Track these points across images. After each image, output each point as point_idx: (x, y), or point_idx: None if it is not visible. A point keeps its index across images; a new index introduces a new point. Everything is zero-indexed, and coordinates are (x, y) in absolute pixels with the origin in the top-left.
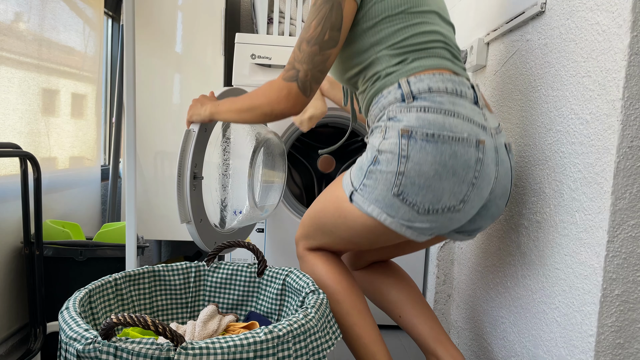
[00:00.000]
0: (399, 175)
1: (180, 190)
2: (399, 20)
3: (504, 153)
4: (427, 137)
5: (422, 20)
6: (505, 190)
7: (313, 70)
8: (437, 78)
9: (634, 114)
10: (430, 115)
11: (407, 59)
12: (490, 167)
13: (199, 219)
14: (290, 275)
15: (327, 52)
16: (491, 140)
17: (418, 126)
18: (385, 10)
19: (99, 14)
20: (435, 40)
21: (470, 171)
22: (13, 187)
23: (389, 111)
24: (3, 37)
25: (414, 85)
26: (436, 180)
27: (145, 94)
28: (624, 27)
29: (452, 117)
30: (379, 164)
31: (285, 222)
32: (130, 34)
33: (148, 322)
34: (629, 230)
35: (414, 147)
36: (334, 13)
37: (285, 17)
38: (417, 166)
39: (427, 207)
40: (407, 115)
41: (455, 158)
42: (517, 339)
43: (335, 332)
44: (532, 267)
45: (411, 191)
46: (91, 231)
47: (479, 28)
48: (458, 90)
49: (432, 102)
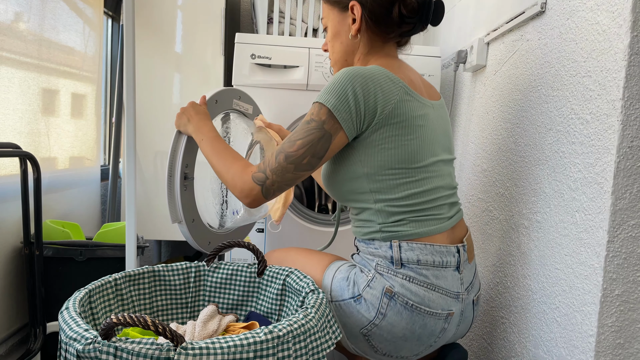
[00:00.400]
0: (372, 324)
1: (171, 191)
2: (400, 176)
3: (470, 310)
4: (406, 305)
5: (425, 176)
6: (461, 335)
7: (280, 183)
8: (427, 250)
9: (634, 114)
10: (413, 287)
11: (404, 220)
12: (451, 330)
13: (191, 219)
14: (290, 275)
15: (300, 174)
16: (460, 307)
17: (401, 293)
18: (389, 163)
19: (99, 13)
20: (435, 199)
21: (433, 337)
22: (13, 187)
23: (378, 265)
24: (3, 37)
25: (404, 252)
26: (402, 340)
27: (145, 94)
28: (624, 27)
29: (432, 292)
30: (359, 304)
31: (285, 222)
32: (130, 33)
33: (148, 322)
34: (629, 230)
35: (392, 308)
36: (321, 143)
37: (285, 17)
38: (390, 326)
39: (384, 352)
40: (393, 279)
41: (424, 328)
42: (517, 339)
43: (335, 332)
44: (532, 267)
45: (377, 339)
46: (91, 231)
47: (479, 28)
48: (443, 262)
49: (418, 274)
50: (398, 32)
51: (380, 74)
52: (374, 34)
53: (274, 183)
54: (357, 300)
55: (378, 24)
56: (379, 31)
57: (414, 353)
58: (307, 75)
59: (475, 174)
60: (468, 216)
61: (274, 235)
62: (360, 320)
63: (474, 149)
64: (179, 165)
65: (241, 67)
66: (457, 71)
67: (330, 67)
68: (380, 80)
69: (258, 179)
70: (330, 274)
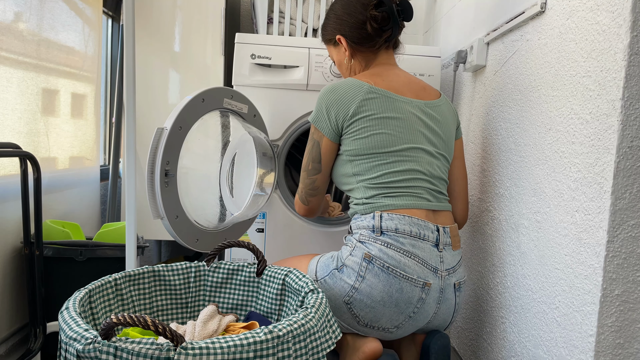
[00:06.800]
0: (353, 288)
1: (151, 187)
2: (374, 159)
3: (451, 292)
4: (383, 268)
5: (397, 159)
6: (445, 321)
7: (305, 189)
8: (405, 221)
9: (634, 114)
10: (390, 251)
11: (379, 194)
12: (430, 305)
13: (174, 215)
14: (289, 275)
15: (312, 177)
16: (438, 282)
17: (378, 257)
18: (362, 149)
19: (98, 13)
20: (409, 179)
21: (411, 307)
22: (13, 187)
23: (361, 235)
24: (1, 37)
25: (384, 221)
26: (380, 305)
27: (145, 94)
28: (624, 27)
29: (408, 258)
30: (342, 272)
31: (285, 222)
32: (130, 33)
33: (148, 322)
34: (629, 230)
35: (371, 271)
36: (315, 150)
37: (285, 17)
38: (369, 288)
39: (366, 322)
40: (373, 244)
41: (400, 292)
42: (517, 339)
43: (335, 332)
44: (532, 267)
45: (358, 306)
46: (91, 231)
47: (479, 28)
48: (421, 234)
49: (395, 241)
50: (381, 40)
51: (343, 84)
52: (363, 52)
53: (302, 191)
54: (340, 269)
55: (361, 44)
56: (365, 48)
57: (394, 324)
58: (307, 75)
59: (475, 174)
60: (468, 216)
61: (274, 235)
62: (343, 287)
63: (474, 149)
64: (159, 162)
65: (241, 67)
66: (457, 71)
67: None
68: (342, 89)
69: (297, 192)
70: (314, 260)
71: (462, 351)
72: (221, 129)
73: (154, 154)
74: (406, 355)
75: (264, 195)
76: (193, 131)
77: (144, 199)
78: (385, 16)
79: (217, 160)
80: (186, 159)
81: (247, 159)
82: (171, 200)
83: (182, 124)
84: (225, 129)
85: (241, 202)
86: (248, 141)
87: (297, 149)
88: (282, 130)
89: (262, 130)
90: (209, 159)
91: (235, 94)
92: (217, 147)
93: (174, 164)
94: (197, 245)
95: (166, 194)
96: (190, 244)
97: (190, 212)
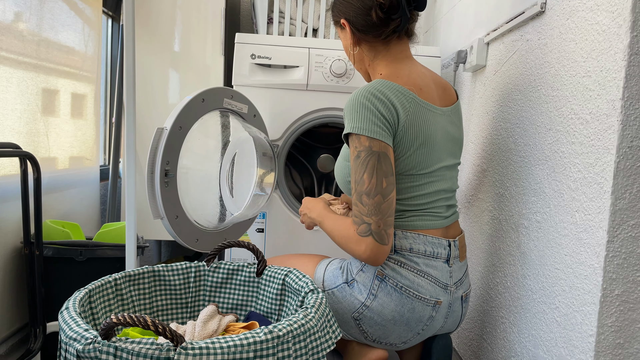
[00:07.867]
0: (363, 305)
1: (151, 187)
2: (407, 181)
3: (458, 305)
4: (396, 287)
5: (428, 181)
6: (449, 330)
7: (383, 218)
8: (420, 240)
9: (634, 114)
10: (404, 271)
11: (404, 214)
12: (439, 320)
13: (174, 215)
14: (289, 275)
15: (389, 197)
16: (448, 298)
17: (391, 276)
18: (399, 169)
19: (98, 13)
20: (435, 200)
21: (420, 324)
22: (13, 187)
23: None
24: (1, 37)
25: (398, 240)
26: (390, 323)
27: (145, 94)
28: (624, 27)
29: (422, 278)
30: (352, 287)
31: (285, 222)
32: (130, 33)
33: (148, 322)
34: (629, 230)
35: (383, 290)
36: (383, 163)
37: (285, 17)
38: (380, 307)
39: (374, 339)
40: (386, 263)
41: (412, 312)
42: (517, 339)
43: (335, 332)
44: (532, 267)
45: (367, 323)
46: (91, 231)
47: (479, 28)
48: (435, 252)
49: (409, 261)
50: (389, 31)
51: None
52: (370, 42)
53: (378, 224)
54: (350, 284)
55: (366, 32)
56: (372, 37)
57: (402, 340)
58: (307, 75)
59: (475, 174)
60: (468, 216)
61: (274, 235)
62: (353, 303)
63: (474, 149)
64: (159, 162)
65: (241, 67)
66: (457, 71)
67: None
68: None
69: (363, 231)
70: (322, 267)
71: (462, 351)
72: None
73: (154, 154)
74: (408, 354)
75: (264, 195)
76: (193, 131)
77: (144, 199)
78: (394, 4)
79: (217, 160)
80: (186, 159)
81: (247, 159)
82: (171, 200)
83: (182, 124)
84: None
85: (241, 202)
86: (248, 141)
87: (297, 149)
88: (282, 130)
89: (262, 130)
90: (209, 159)
91: (235, 94)
92: (217, 147)
93: (174, 164)
94: (197, 245)
95: (166, 194)
96: (190, 244)
97: (190, 212)
